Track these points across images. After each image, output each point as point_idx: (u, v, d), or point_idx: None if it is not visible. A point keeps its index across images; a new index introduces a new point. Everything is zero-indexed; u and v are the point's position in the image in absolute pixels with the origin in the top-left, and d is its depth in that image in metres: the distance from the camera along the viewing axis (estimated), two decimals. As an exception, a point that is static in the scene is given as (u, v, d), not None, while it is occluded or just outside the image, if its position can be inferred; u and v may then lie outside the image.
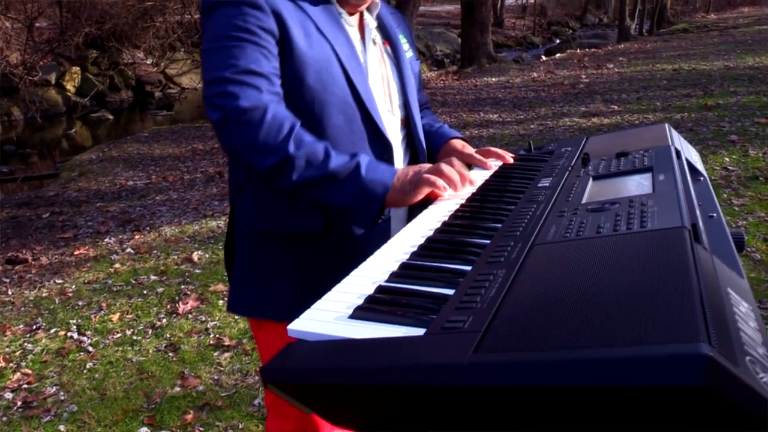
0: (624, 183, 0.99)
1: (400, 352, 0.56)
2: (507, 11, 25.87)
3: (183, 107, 13.55)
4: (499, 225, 0.91)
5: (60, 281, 4.23)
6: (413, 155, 1.41)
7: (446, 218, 1.00)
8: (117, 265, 4.41)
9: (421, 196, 1.08)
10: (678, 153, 1.17)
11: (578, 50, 15.92)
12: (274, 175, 1.10)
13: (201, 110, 10.26)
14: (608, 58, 13.31)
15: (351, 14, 1.32)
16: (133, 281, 4.03)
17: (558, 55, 15.56)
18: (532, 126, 7.60)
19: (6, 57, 10.05)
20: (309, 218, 1.23)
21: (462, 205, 1.06)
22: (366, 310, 0.67)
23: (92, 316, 3.55)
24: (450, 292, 0.69)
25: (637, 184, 0.96)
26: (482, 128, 7.76)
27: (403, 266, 0.79)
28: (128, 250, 4.77)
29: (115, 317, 3.49)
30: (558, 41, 22.81)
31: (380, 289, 0.72)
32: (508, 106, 8.91)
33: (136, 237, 5.08)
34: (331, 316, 0.67)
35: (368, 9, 1.38)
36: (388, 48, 1.40)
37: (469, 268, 0.75)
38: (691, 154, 1.31)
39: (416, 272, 0.77)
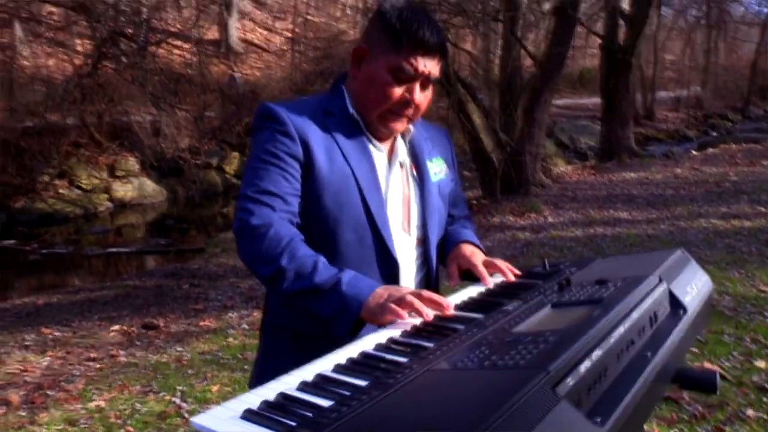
0: (565, 315, 1.04)
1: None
2: (659, 104, 25.11)
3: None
4: (431, 345, 1.00)
5: (180, 349, 4.68)
6: (427, 272, 1.52)
7: (400, 333, 1.10)
8: (230, 339, 4.80)
9: (386, 322, 1.17)
10: (658, 283, 1.19)
11: (734, 145, 15.00)
12: (271, 284, 1.28)
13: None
14: (766, 155, 12.42)
15: (381, 140, 1.48)
16: (240, 356, 4.36)
17: (710, 150, 14.76)
18: (662, 226, 7.27)
19: (177, 143, 11.51)
20: (312, 320, 1.35)
21: (424, 322, 1.15)
22: (254, 414, 0.80)
23: (196, 384, 3.88)
24: (327, 404, 0.80)
25: (571, 318, 1.01)
26: (608, 226, 7.54)
27: (318, 376, 0.91)
28: (244, 325, 5.16)
29: (215, 388, 3.79)
30: (714, 134, 21.61)
31: (280, 396, 0.85)
32: (642, 204, 8.59)
33: (254, 314, 5.49)
34: (229, 414, 0.81)
35: (402, 135, 1.53)
36: (415, 172, 1.53)
37: (365, 383, 0.86)
38: (691, 284, 1.30)
39: (323, 383, 0.89)
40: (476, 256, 1.50)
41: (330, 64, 15.65)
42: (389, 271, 1.41)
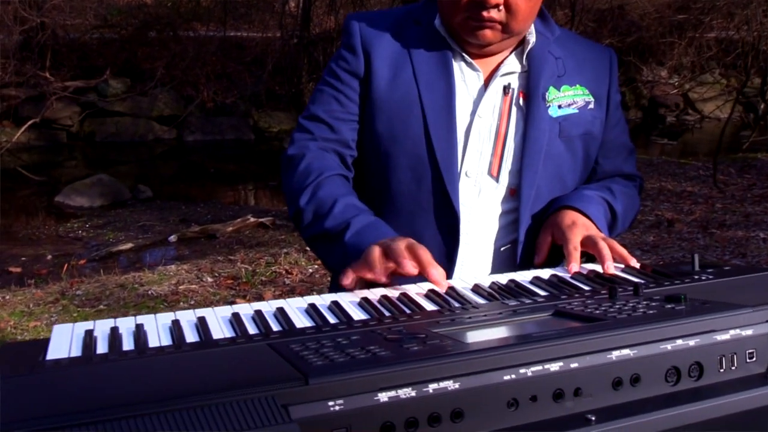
0: (532, 327, 0.81)
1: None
2: None
3: (694, 138, 12.52)
4: (367, 317, 0.91)
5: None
6: (517, 238, 1.27)
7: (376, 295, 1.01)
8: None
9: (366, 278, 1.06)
10: (753, 323, 0.83)
11: None
12: (295, 224, 1.25)
13: (713, 145, 9.33)
14: None
15: (477, 57, 1.28)
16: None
17: None
18: None
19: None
20: None
21: (430, 290, 1.03)
22: (89, 333, 0.85)
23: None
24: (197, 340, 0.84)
25: (519, 332, 0.79)
26: None
27: (200, 319, 0.90)
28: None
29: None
30: None
31: (136, 325, 0.88)
32: None
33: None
34: (79, 331, 0.87)
35: (520, 49, 1.29)
36: (522, 100, 1.28)
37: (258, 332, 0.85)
38: None
39: (200, 325, 0.89)
40: (576, 229, 1.19)
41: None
42: (448, 228, 1.23)
